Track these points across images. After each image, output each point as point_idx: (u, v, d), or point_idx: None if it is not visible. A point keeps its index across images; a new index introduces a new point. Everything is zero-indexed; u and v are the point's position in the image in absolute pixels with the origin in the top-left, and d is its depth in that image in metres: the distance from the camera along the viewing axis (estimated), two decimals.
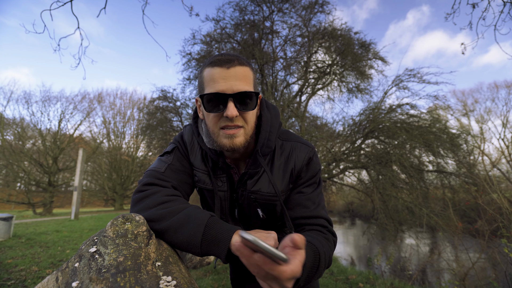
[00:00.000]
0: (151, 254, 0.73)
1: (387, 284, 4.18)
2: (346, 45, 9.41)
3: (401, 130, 8.28)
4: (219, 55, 0.87)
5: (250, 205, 1.02)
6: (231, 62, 0.84)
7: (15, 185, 20.16)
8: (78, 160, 11.65)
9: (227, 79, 0.83)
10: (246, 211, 1.05)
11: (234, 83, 0.83)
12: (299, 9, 9.71)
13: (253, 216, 1.06)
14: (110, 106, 23.51)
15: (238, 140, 0.87)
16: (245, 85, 0.85)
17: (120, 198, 22.48)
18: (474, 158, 14.78)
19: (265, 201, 0.99)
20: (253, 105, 0.87)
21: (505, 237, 3.85)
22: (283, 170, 0.98)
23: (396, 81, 9.60)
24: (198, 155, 1.03)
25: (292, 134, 1.06)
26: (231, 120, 0.84)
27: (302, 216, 0.96)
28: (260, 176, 0.98)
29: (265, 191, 0.97)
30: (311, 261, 0.75)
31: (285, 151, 1.00)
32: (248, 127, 0.89)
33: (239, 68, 0.85)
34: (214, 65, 0.84)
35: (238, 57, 0.87)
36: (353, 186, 11.28)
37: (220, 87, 0.82)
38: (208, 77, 0.85)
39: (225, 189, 1.02)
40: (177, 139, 1.08)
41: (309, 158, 1.00)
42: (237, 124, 0.86)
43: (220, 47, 10.38)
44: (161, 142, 13.13)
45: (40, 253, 4.80)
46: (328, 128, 10.78)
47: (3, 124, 17.65)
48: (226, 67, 0.83)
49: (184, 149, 1.05)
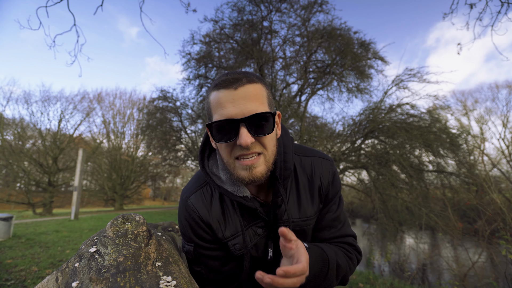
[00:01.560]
0: (151, 254, 0.73)
1: (387, 284, 4.18)
2: (345, 45, 9.41)
3: (401, 130, 8.28)
4: (224, 75, 0.77)
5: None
6: (239, 81, 0.74)
7: (15, 185, 20.15)
8: (78, 160, 11.65)
9: (236, 102, 0.72)
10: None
11: (244, 105, 0.72)
12: (298, 9, 9.71)
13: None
14: (109, 106, 23.51)
15: (258, 171, 0.76)
16: (258, 105, 0.74)
17: (120, 198, 22.47)
18: (474, 158, 14.79)
19: (297, 228, 0.89)
20: (270, 127, 0.75)
21: (504, 239, 3.86)
22: (309, 189, 0.91)
23: (396, 80, 9.61)
24: (230, 217, 0.87)
25: (306, 148, 0.99)
26: (247, 148, 0.74)
27: (330, 237, 0.92)
28: (288, 202, 0.88)
29: (296, 217, 0.88)
30: (319, 261, 0.75)
31: (306, 168, 0.93)
32: (268, 153, 0.78)
33: (249, 86, 0.74)
34: (220, 87, 0.74)
35: (247, 74, 0.76)
36: (353, 186, 11.29)
37: (229, 112, 0.72)
38: (215, 102, 0.75)
39: (261, 234, 0.89)
40: (187, 218, 0.88)
41: (334, 173, 0.94)
42: (255, 151, 0.75)
43: (219, 47, 10.38)
44: (161, 142, 13.14)
45: (40, 253, 4.80)
46: (328, 128, 10.79)
47: (3, 124, 17.64)
48: (234, 88, 0.73)
49: (207, 230, 0.87)
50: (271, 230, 0.90)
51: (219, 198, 0.88)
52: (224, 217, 0.87)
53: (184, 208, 0.88)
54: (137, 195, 28.61)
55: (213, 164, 0.92)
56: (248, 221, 0.88)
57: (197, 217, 0.86)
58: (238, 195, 0.83)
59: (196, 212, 0.86)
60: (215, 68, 10.55)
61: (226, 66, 10.22)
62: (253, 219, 0.88)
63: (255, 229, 0.88)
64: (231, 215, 0.87)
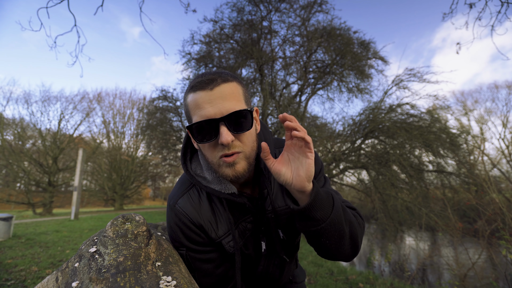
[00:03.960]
0: (151, 254, 0.73)
1: (387, 284, 4.18)
2: (345, 45, 9.42)
3: (401, 130, 8.29)
4: (199, 76, 0.79)
5: (271, 229, 0.92)
6: (214, 81, 0.75)
7: (15, 185, 20.15)
8: (78, 160, 11.65)
9: (213, 101, 0.74)
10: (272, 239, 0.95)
11: (222, 104, 0.74)
12: (298, 9, 9.72)
13: (276, 242, 0.94)
14: (109, 106, 23.51)
15: (239, 167, 0.78)
16: (235, 103, 0.75)
17: (120, 198, 22.47)
18: (474, 158, 14.80)
19: (287, 215, 0.91)
20: (248, 124, 0.77)
21: (504, 239, 3.86)
22: None
23: (396, 80, 9.61)
24: (221, 215, 0.88)
25: (282, 139, 1.02)
26: (228, 147, 0.76)
27: None
28: (273, 192, 0.90)
29: (283, 204, 0.90)
30: (324, 191, 0.77)
31: None
32: (247, 149, 0.80)
33: (224, 85, 0.76)
34: (196, 89, 0.76)
35: (221, 74, 0.78)
36: (353, 186, 11.28)
37: (207, 112, 0.74)
38: (193, 104, 0.76)
39: (251, 228, 0.91)
40: (177, 223, 0.86)
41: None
42: (234, 150, 0.77)
43: (219, 47, 10.38)
44: (161, 142, 13.14)
45: (40, 253, 4.80)
46: (328, 128, 10.79)
47: (3, 124, 17.64)
48: (209, 89, 0.74)
49: (199, 232, 0.87)
50: (260, 223, 0.91)
51: (207, 198, 0.89)
52: (215, 217, 0.88)
53: (173, 213, 0.87)
54: (137, 195, 28.60)
55: (197, 166, 0.92)
56: (238, 218, 0.89)
57: (188, 221, 0.85)
58: (226, 193, 0.84)
59: (186, 216, 0.85)
60: (215, 68, 10.55)
61: (226, 66, 10.23)
62: (243, 215, 0.90)
63: (244, 225, 0.90)
64: (221, 214, 0.88)
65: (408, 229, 8.31)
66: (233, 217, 0.88)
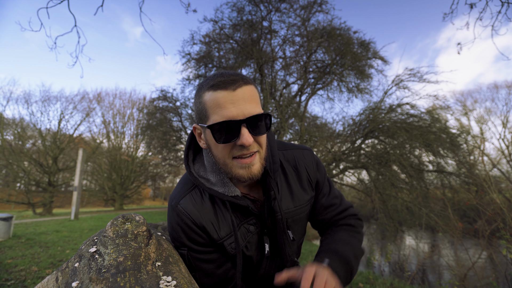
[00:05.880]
0: (151, 254, 0.73)
1: (387, 284, 4.18)
2: (345, 44, 9.42)
3: (401, 130, 8.28)
4: (219, 76, 0.78)
5: (279, 231, 0.92)
6: (236, 82, 0.75)
7: (15, 185, 20.17)
8: (78, 160, 11.65)
9: (236, 103, 0.74)
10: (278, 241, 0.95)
11: (244, 106, 0.74)
12: (298, 9, 9.72)
13: (285, 244, 0.94)
14: (109, 106, 23.50)
15: (255, 168, 0.80)
16: (255, 106, 0.77)
17: (120, 198, 22.46)
18: (474, 158, 14.80)
19: (295, 217, 0.94)
20: (265, 127, 0.79)
21: (504, 238, 3.86)
22: (297, 179, 0.96)
23: (396, 80, 9.61)
24: (223, 216, 0.88)
25: (284, 142, 1.05)
26: (247, 148, 0.77)
27: (333, 215, 1.01)
28: (280, 194, 0.92)
29: (291, 206, 0.92)
30: (342, 269, 0.84)
31: (290, 161, 0.98)
32: (262, 151, 0.83)
33: (246, 88, 0.76)
34: (217, 88, 0.75)
35: (242, 76, 0.79)
36: (353, 186, 11.28)
37: (230, 113, 0.73)
38: (213, 103, 0.75)
39: (254, 231, 0.91)
40: (179, 223, 0.86)
41: (316, 161, 1.02)
42: (253, 150, 0.78)
43: (219, 47, 10.38)
44: (161, 142, 13.14)
45: (40, 253, 4.80)
46: (328, 128, 10.79)
47: (3, 124, 17.64)
48: (232, 89, 0.74)
49: (200, 233, 0.86)
50: (264, 225, 0.92)
51: (209, 200, 0.88)
52: (217, 218, 0.88)
53: (175, 213, 0.87)
54: (137, 195, 28.60)
55: (200, 167, 0.92)
56: (240, 220, 0.89)
57: (190, 221, 0.85)
58: (229, 195, 0.85)
59: (188, 216, 0.85)
60: (215, 68, 10.55)
61: (226, 66, 10.23)
62: (245, 217, 0.90)
63: (247, 227, 0.90)
64: (224, 215, 0.88)
65: (408, 229, 8.31)
66: (236, 219, 0.89)
